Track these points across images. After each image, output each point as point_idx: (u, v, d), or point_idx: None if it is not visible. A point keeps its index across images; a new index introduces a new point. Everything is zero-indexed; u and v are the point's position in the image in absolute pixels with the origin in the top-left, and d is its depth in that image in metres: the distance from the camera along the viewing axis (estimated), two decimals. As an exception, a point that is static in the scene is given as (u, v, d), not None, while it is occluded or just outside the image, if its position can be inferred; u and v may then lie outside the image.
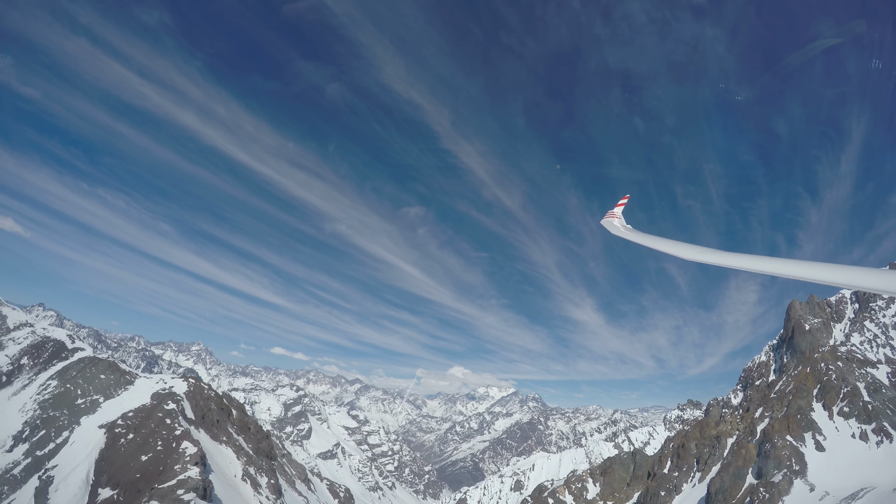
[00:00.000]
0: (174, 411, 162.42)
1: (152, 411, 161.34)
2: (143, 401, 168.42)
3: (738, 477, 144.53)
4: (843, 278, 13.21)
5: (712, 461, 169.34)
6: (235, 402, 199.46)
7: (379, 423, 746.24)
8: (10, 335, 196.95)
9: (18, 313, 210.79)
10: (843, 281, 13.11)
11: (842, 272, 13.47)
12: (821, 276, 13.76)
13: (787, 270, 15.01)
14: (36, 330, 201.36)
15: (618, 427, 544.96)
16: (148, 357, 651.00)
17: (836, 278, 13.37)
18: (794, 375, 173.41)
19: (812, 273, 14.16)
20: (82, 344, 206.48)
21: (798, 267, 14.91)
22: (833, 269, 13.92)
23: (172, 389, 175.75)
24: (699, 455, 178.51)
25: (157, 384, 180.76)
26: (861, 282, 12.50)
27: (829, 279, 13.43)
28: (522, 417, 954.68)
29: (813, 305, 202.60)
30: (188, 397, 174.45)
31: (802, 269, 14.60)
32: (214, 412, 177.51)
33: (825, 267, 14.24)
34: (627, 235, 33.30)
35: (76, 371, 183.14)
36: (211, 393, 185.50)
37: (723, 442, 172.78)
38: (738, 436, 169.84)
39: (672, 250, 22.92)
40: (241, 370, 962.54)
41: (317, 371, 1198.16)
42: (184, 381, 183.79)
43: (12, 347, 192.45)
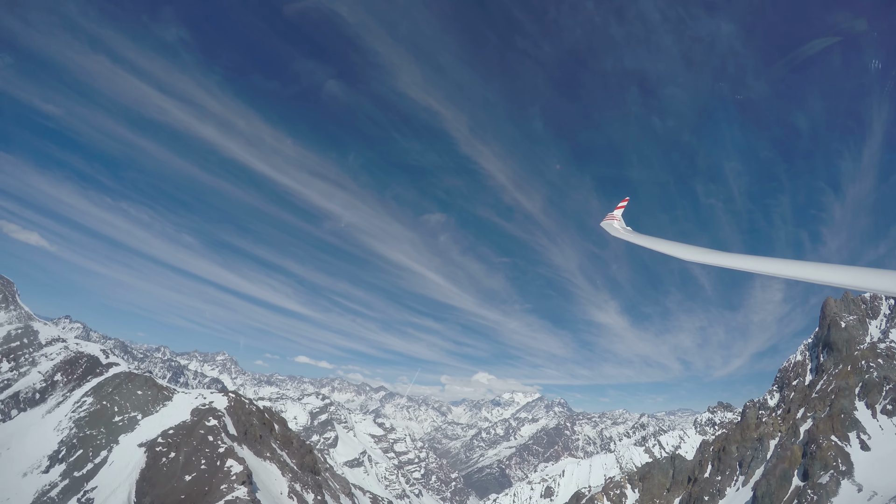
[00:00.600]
0: (216, 427, 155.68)
1: (193, 428, 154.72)
2: (182, 417, 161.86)
3: (784, 479, 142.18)
4: (844, 278, 12.94)
5: (755, 464, 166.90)
6: (277, 416, 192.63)
7: (405, 430, 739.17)
8: (43, 351, 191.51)
9: (50, 328, 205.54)
10: (844, 281, 12.83)
11: (842, 272, 13.25)
12: (820, 277, 13.60)
13: (786, 271, 14.94)
14: (69, 345, 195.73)
15: (647, 431, 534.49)
16: (174, 367, 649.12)
17: (836, 279, 13.11)
18: (834, 374, 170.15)
19: (811, 273, 14.03)
20: (117, 359, 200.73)
21: (797, 267, 14.78)
22: (833, 269, 13.74)
23: (213, 405, 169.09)
24: (741, 458, 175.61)
25: (195, 399, 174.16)
26: (861, 282, 12.37)
27: (829, 279, 13.23)
28: (548, 423, 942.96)
29: (848, 302, 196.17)
30: (229, 412, 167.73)
31: (802, 270, 14.52)
32: (257, 427, 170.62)
33: (825, 267, 14.11)
34: (627, 237, 33.52)
35: (112, 387, 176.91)
36: (252, 407, 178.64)
37: (765, 444, 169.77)
38: (780, 437, 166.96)
39: (671, 251, 22.99)
40: (266, 379, 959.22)
41: (341, 379, 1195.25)
42: (224, 396, 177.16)
43: (45, 363, 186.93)
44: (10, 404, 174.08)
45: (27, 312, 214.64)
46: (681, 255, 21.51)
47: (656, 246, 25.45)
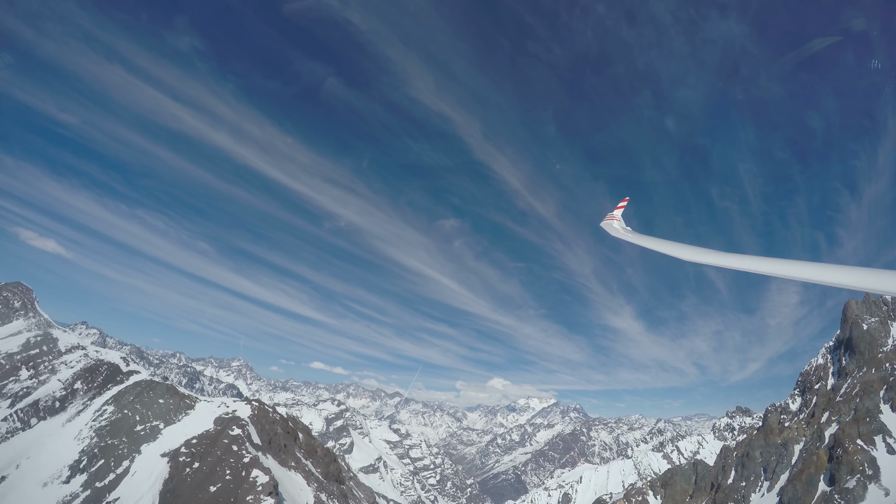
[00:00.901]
0: (240, 437, 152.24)
1: (217, 437, 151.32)
2: (206, 426, 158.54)
3: (811, 485, 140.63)
4: (844, 278, 13.12)
5: (780, 469, 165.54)
6: (301, 425, 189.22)
7: (420, 436, 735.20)
8: (62, 359, 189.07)
9: (70, 336, 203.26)
10: (843, 281, 13.04)
11: (842, 272, 13.41)
12: (820, 277, 13.75)
13: (786, 271, 15.15)
14: (88, 352, 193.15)
15: (664, 437, 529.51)
16: (189, 373, 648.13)
17: (836, 279, 13.28)
18: (858, 377, 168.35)
19: (811, 273, 14.21)
20: (137, 366, 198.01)
21: (797, 267, 15.00)
22: (833, 269, 13.88)
23: (236, 413, 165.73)
24: (766, 463, 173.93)
25: (218, 408, 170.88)
26: (861, 282, 12.55)
27: (829, 280, 13.38)
28: (564, 428, 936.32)
29: (869, 304, 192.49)
30: (253, 421, 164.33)
31: (801, 270, 14.69)
32: (281, 436, 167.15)
33: (825, 267, 14.26)
34: (626, 237, 33.67)
35: (133, 395, 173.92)
36: (276, 416, 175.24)
37: (790, 449, 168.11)
38: (805, 442, 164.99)
39: (670, 251, 23.10)
40: (281, 385, 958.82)
41: (356, 385, 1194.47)
42: (247, 405, 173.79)
43: (65, 371, 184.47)
44: (30, 413, 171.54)
45: (46, 320, 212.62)
46: (680, 255, 21.86)
47: (655, 246, 25.98)
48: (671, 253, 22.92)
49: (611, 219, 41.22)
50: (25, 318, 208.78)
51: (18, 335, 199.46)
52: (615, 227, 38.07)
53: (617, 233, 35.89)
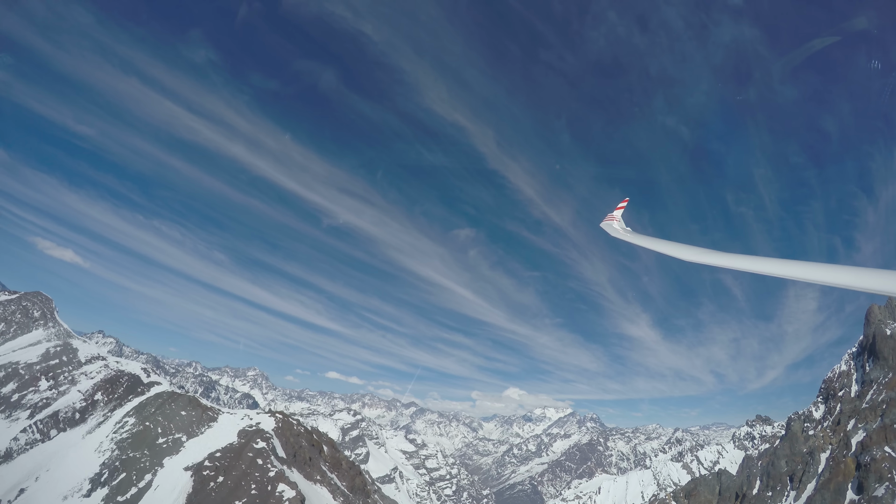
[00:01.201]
0: (265, 450, 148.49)
1: (241, 451, 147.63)
2: (229, 439, 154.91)
3: (839, 493, 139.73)
4: (844, 278, 13.21)
5: (807, 478, 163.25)
6: (325, 437, 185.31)
7: (435, 446, 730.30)
8: (83, 369, 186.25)
9: (90, 346, 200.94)
10: (844, 281, 13.10)
11: (842, 272, 13.56)
12: (820, 277, 13.87)
13: (786, 271, 15.30)
14: (109, 363, 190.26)
15: (683, 446, 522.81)
16: (205, 382, 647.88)
17: (836, 279, 13.40)
18: (884, 384, 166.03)
19: (811, 274, 14.29)
20: (158, 378, 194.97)
21: (797, 267, 15.12)
22: (833, 269, 14.05)
23: (260, 426, 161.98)
24: (792, 472, 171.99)
25: (241, 420, 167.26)
26: (861, 282, 12.63)
27: (829, 280, 13.51)
28: (581, 438, 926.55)
29: (892, 309, 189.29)
30: (277, 434, 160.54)
31: (801, 270, 14.79)
32: (306, 449, 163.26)
33: (825, 267, 14.38)
34: (626, 237, 33.77)
35: (154, 407, 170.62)
36: (301, 429, 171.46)
37: (816, 457, 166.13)
38: (832, 450, 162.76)
39: (670, 251, 23.18)
40: (296, 395, 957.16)
41: (372, 395, 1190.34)
42: (270, 417, 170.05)
43: (85, 382, 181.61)
44: (50, 424, 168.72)
45: (66, 330, 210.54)
46: (679, 255, 21.66)
47: (655, 246, 26.14)
48: (671, 253, 22.93)
49: (610, 219, 41.74)
50: (45, 327, 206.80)
51: (38, 345, 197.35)
52: (615, 228, 38.65)
53: (617, 233, 36.27)
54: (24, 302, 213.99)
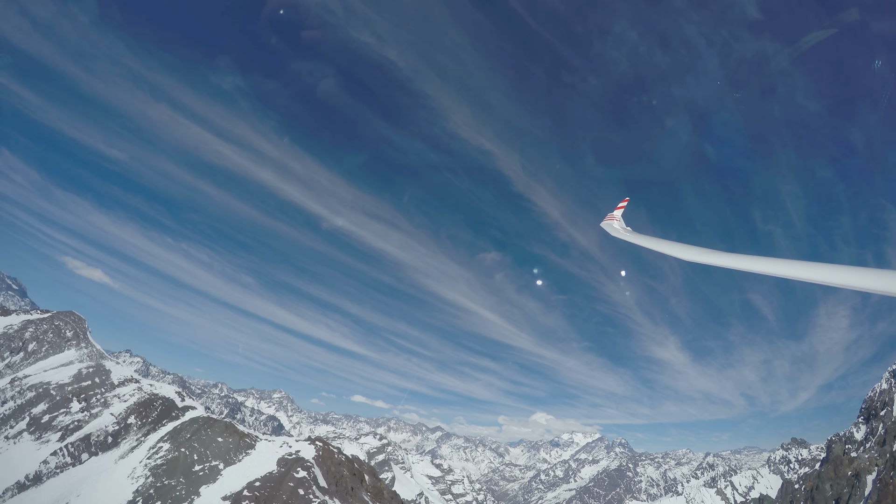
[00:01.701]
0: (306, 480, 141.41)
1: (282, 480, 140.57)
2: (268, 468, 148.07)
3: None
4: (844, 278, 13.33)
5: (854, 501, 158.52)
6: (367, 466, 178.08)
7: (462, 471, 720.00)
8: (115, 391, 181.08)
9: (123, 368, 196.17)
10: (844, 281, 13.24)
11: (842, 272, 13.65)
12: (821, 277, 13.97)
13: (787, 271, 15.36)
14: (142, 386, 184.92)
15: (716, 472, 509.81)
16: (231, 404, 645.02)
17: (836, 279, 13.51)
18: None
19: (812, 273, 14.37)
20: (193, 402, 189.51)
21: (797, 267, 15.19)
22: (833, 269, 14.11)
23: (300, 454, 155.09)
24: (837, 496, 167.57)
25: (280, 448, 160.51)
26: (861, 282, 12.78)
27: (829, 279, 13.62)
28: (610, 464, 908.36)
29: None
30: (318, 462, 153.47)
31: (802, 270, 14.87)
32: (347, 478, 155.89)
33: (825, 267, 14.40)
34: (626, 237, 34.03)
35: (190, 433, 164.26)
36: (342, 457, 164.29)
37: (862, 480, 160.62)
38: (878, 471, 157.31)
39: (670, 251, 23.31)
40: (321, 418, 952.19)
41: (397, 419, 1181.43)
42: (311, 445, 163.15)
43: (118, 405, 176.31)
44: (81, 447, 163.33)
45: (98, 350, 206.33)
46: (679, 255, 21.81)
47: (655, 246, 25.96)
48: (670, 253, 22.90)
49: (611, 219, 41.58)
50: (77, 348, 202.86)
51: (70, 365, 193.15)
52: (615, 227, 38.65)
53: (617, 233, 36.32)
54: (57, 321, 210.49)
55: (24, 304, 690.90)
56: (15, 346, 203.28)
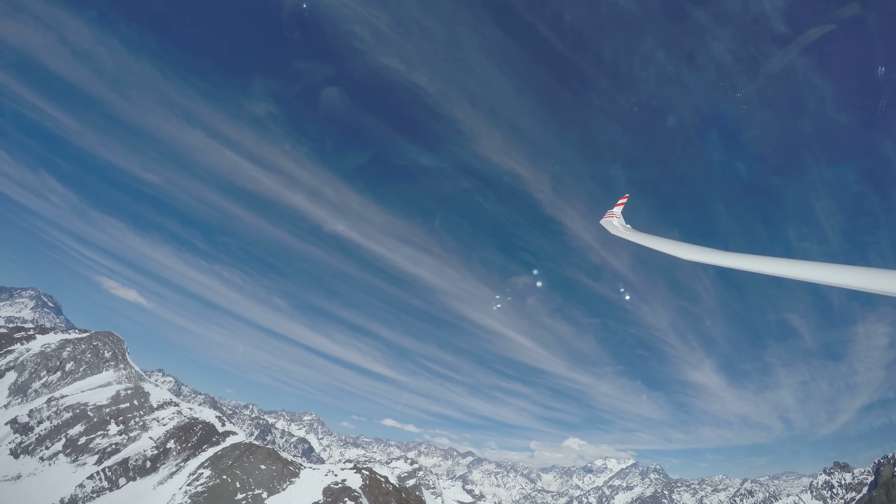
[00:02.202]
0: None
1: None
2: (314, 497, 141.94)
3: None
4: (844, 278, 13.42)
5: None
6: (414, 496, 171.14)
7: (493, 497, 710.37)
8: (154, 415, 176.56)
9: (161, 390, 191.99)
10: (844, 281, 13.34)
11: (842, 272, 13.74)
12: (821, 277, 14.15)
13: (787, 271, 15.50)
14: (182, 410, 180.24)
15: (755, 498, 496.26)
16: (262, 425, 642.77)
17: (836, 278, 13.62)
18: None
19: (812, 273, 14.57)
20: (234, 427, 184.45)
21: (798, 267, 15.30)
22: (833, 269, 14.19)
23: (346, 483, 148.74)
24: None
25: (325, 476, 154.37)
26: (861, 282, 12.94)
27: (830, 279, 13.77)
28: (644, 491, 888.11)
29: None
30: (365, 492, 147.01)
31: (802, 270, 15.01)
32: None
33: (825, 267, 14.48)
34: (626, 235, 34.89)
35: (231, 459, 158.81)
36: (389, 486, 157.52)
37: None
38: None
39: (670, 250, 23.59)
40: (352, 441, 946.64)
41: (428, 443, 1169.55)
42: (356, 473, 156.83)
43: (157, 429, 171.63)
44: (119, 472, 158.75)
45: (137, 372, 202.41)
46: (680, 255, 22.15)
47: (655, 245, 26.98)
48: (670, 252, 22.95)
49: (611, 216, 41.18)
50: (116, 369, 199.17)
51: (108, 387, 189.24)
52: (615, 225, 38.30)
53: (617, 231, 36.31)
54: (95, 341, 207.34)
55: (59, 322, 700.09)
56: (52, 365, 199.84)
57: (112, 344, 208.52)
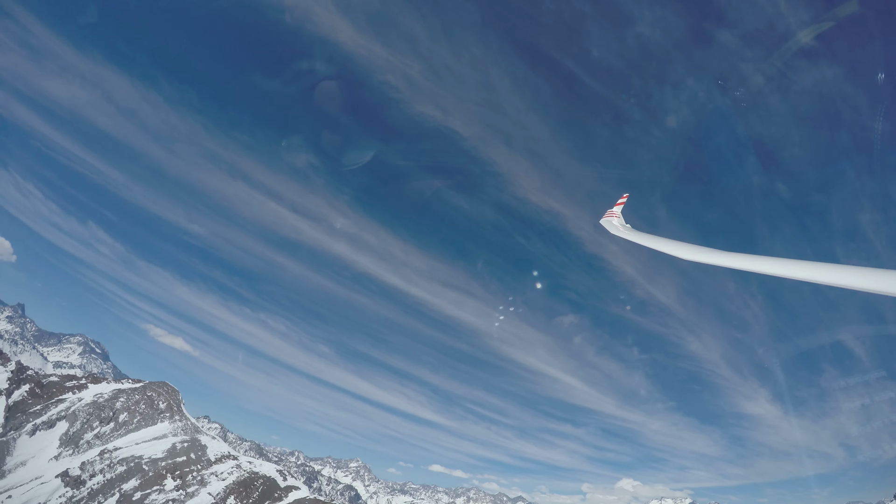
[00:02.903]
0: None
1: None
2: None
3: None
4: (844, 278, 13.34)
5: None
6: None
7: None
8: (213, 469, 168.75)
9: (219, 443, 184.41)
10: (844, 281, 13.25)
11: (842, 272, 13.65)
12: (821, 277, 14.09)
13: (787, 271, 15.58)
14: (241, 463, 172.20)
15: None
16: (308, 472, 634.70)
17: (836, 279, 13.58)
18: None
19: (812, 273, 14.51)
20: (296, 482, 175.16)
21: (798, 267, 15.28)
22: (833, 269, 14.09)
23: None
24: None
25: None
26: (861, 282, 12.88)
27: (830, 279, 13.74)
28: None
29: None
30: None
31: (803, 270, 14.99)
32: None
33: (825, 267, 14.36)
34: (626, 235, 35.41)
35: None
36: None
37: None
38: None
39: (670, 250, 23.37)
40: (399, 488, 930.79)
41: (477, 489, 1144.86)
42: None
43: (216, 484, 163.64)
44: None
45: (193, 424, 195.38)
46: (680, 255, 22.10)
47: (655, 245, 27.05)
48: (671, 252, 22.93)
49: (610, 216, 41.37)
50: (171, 420, 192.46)
51: (163, 439, 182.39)
52: (615, 225, 38.73)
53: (617, 230, 36.78)
54: (149, 392, 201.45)
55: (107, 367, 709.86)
56: (105, 415, 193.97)
57: (167, 394, 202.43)
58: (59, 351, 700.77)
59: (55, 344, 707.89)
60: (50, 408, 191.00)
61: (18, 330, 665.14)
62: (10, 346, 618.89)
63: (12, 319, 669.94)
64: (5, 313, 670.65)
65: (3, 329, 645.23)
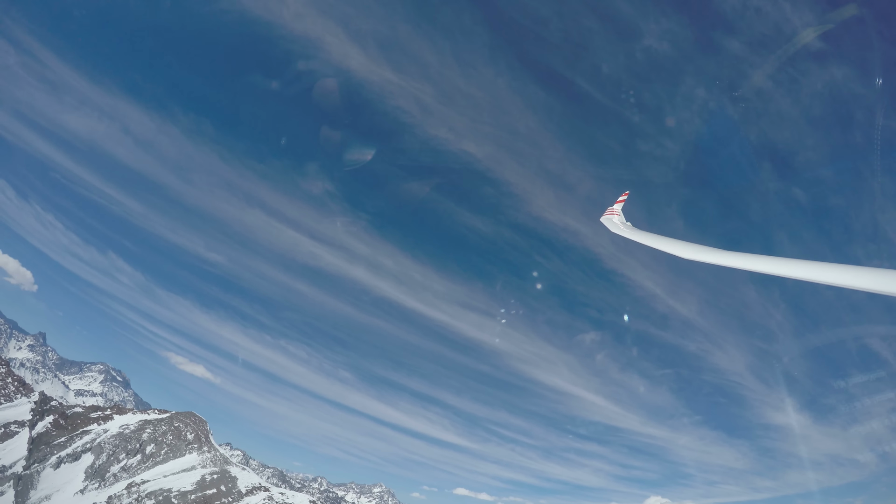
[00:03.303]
0: None
1: None
2: None
3: None
4: (844, 278, 13.18)
5: None
6: None
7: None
8: (244, 501, 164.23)
9: (250, 475, 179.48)
10: (844, 281, 13.10)
11: (842, 272, 13.46)
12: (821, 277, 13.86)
13: (788, 270, 15.27)
14: (273, 495, 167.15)
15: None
16: (331, 498, 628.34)
17: (836, 278, 13.37)
18: None
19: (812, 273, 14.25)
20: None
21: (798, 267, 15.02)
22: (833, 269, 13.90)
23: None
24: None
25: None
26: (861, 282, 12.68)
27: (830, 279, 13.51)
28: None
29: None
30: None
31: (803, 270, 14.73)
32: None
33: (825, 267, 14.16)
34: (626, 233, 34.20)
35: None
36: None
37: None
38: None
39: (671, 249, 23.19)
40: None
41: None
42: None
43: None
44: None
45: (222, 455, 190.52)
46: (680, 254, 21.91)
47: (655, 244, 26.07)
48: (670, 251, 22.75)
49: (611, 213, 40.92)
50: (199, 452, 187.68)
51: (192, 471, 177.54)
52: (615, 223, 38.32)
53: (617, 228, 36.08)
54: (176, 423, 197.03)
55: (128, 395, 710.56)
56: (132, 447, 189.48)
57: (194, 424, 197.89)
58: (80, 379, 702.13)
59: (76, 372, 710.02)
60: (75, 440, 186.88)
61: (40, 358, 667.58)
62: (32, 374, 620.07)
63: (34, 348, 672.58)
64: (27, 342, 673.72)
65: (24, 358, 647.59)
